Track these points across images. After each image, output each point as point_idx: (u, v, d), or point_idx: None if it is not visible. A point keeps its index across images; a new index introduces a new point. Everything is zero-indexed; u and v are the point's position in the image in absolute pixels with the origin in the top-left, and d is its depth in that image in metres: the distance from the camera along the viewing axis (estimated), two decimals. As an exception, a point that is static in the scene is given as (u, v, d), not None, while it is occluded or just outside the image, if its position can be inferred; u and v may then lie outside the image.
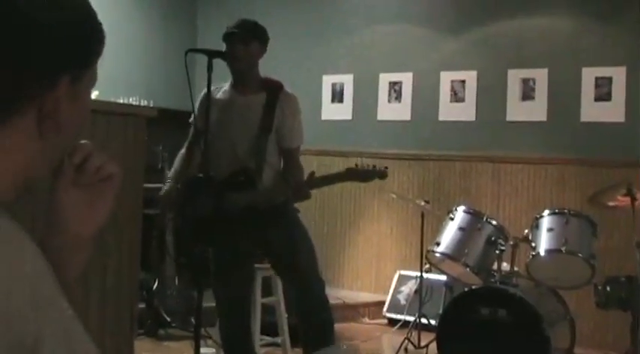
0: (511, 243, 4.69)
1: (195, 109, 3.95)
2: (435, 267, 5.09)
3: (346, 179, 3.95)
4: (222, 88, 4.03)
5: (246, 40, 3.89)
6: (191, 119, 4.12)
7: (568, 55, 6.17)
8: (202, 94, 3.96)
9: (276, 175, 3.98)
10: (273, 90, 3.95)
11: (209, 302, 4.14)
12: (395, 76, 6.98)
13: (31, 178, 1.04)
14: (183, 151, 4.21)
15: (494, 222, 4.81)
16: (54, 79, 1.00)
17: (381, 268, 6.93)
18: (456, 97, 6.67)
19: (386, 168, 3.87)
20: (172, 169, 4.22)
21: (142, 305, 5.44)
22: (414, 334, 5.36)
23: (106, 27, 1.08)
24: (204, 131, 3.64)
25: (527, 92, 6.33)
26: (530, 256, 4.62)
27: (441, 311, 4.84)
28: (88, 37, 1.06)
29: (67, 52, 1.01)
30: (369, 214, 7.04)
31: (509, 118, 6.40)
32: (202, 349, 3.83)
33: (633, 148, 5.76)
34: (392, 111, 6.98)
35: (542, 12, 6.33)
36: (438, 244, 4.78)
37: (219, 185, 3.83)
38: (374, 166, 3.85)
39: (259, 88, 3.96)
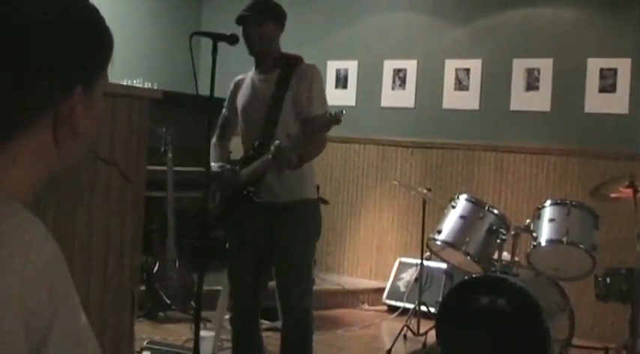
0: (512, 232, 4.70)
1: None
2: (435, 255, 5.09)
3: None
4: (249, 73, 4.02)
5: (260, 22, 3.86)
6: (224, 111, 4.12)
7: (573, 46, 6.15)
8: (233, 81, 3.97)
9: None
10: (290, 64, 3.91)
11: (209, 286, 4.13)
12: (399, 63, 6.96)
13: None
14: (214, 140, 4.13)
15: (495, 211, 4.81)
16: (67, 88, 1.02)
17: (381, 255, 6.93)
18: (461, 85, 6.65)
19: (341, 112, 3.76)
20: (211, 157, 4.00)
21: (142, 288, 5.45)
22: (414, 321, 5.38)
23: (112, 9, 1.09)
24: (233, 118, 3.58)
25: (532, 82, 6.31)
26: (531, 246, 4.62)
27: (440, 299, 4.85)
28: (97, 44, 1.08)
29: (78, 60, 1.03)
30: (370, 201, 7.04)
31: (512, 107, 6.38)
32: (202, 332, 3.83)
33: (636, 140, 5.75)
34: (396, 98, 6.97)
35: (549, 2, 6.31)
36: (439, 231, 4.78)
37: (239, 164, 3.84)
38: (329, 114, 3.77)
39: (277, 65, 3.92)
